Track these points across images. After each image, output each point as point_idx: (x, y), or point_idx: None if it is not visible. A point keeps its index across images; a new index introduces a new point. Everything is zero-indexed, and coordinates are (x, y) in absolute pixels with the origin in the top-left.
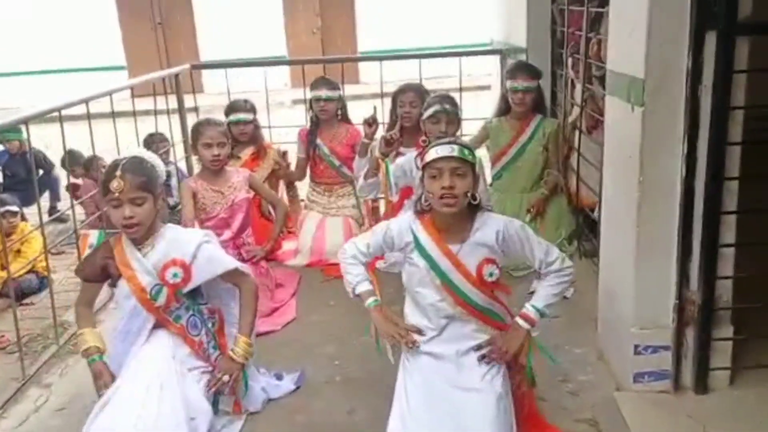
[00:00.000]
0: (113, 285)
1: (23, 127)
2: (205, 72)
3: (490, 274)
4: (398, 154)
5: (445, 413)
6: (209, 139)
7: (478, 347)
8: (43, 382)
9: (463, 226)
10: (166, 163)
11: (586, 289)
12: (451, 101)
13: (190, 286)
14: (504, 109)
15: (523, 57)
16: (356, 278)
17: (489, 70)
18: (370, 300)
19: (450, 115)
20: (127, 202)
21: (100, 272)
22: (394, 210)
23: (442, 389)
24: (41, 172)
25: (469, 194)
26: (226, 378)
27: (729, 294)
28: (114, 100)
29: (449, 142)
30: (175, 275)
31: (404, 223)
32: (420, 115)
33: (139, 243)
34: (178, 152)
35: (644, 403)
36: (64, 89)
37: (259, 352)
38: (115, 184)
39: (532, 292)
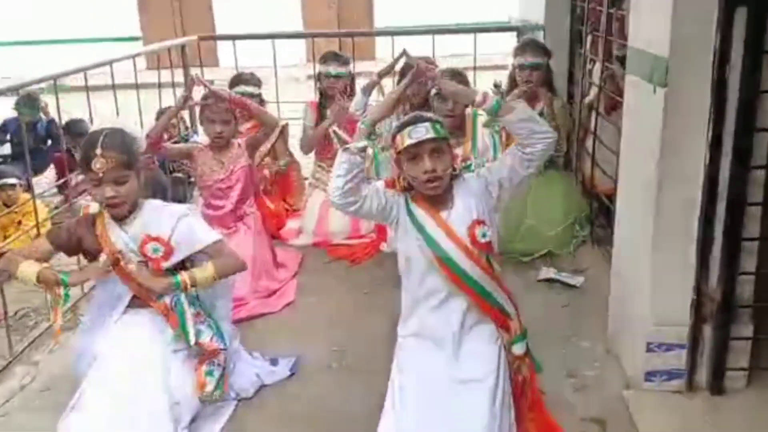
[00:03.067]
0: (93, 260)
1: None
2: (220, 45)
3: (483, 235)
4: None
5: (438, 409)
6: (212, 115)
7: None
8: (31, 360)
9: (447, 194)
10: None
11: (597, 278)
12: (460, 78)
13: (174, 259)
14: (511, 87)
15: (540, 34)
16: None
17: (507, 49)
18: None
19: None
20: (109, 181)
21: (74, 243)
22: None
23: (436, 383)
24: (49, 142)
25: (449, 171)
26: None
27: (750, 290)
28: (126, 72)
29: (418, 120)
30: (155, 250)
31: (396, 197)
32: (428, 92)
33: (120, 218)
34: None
35: (655, 403)
36: (77, 59)
37: (254, 335)
38: (97, 165)
39: (542, 280)
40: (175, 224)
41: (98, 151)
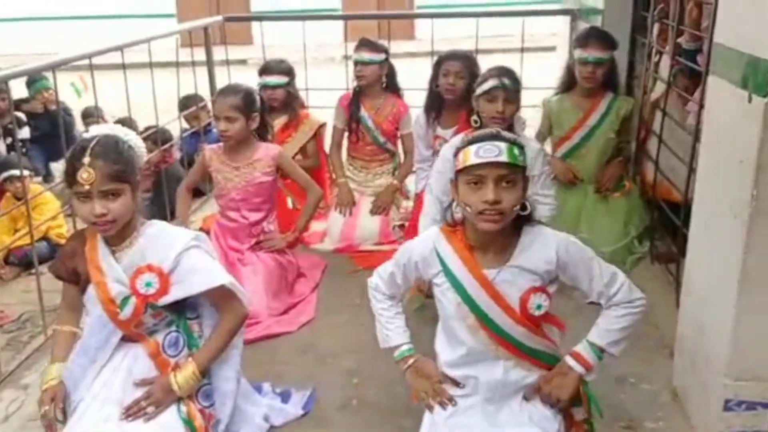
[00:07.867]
0: (82, 290)
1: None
2: (254, 24)
3: (538, 307)
4: (436, 137)
5: None
6: (216, 112)
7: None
8: (21, 382)
9: (504, 244)
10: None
11: (656, 302)
12: (511, 76)
13: (165, 300)
14: (569, 83)
15: (598, 20)
16: (385, 326)
17: (554, 29)
18: (398, 352)
19: (509, 91)
20: (98, 195)
21: (72, 272)
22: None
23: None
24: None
25: (517, 207)
26: (150, 409)
27: None
28: (157, 50)
29: (493, 138)
30: (148, 284)
31: (427, 244)
32: (465, 88)
33: (113, 243)
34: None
35: None
36: (109, 36)
37: (266, 359)
38: (84, 175)
39: (593, 302)
40: (179, 255)
41: (86, 159)
